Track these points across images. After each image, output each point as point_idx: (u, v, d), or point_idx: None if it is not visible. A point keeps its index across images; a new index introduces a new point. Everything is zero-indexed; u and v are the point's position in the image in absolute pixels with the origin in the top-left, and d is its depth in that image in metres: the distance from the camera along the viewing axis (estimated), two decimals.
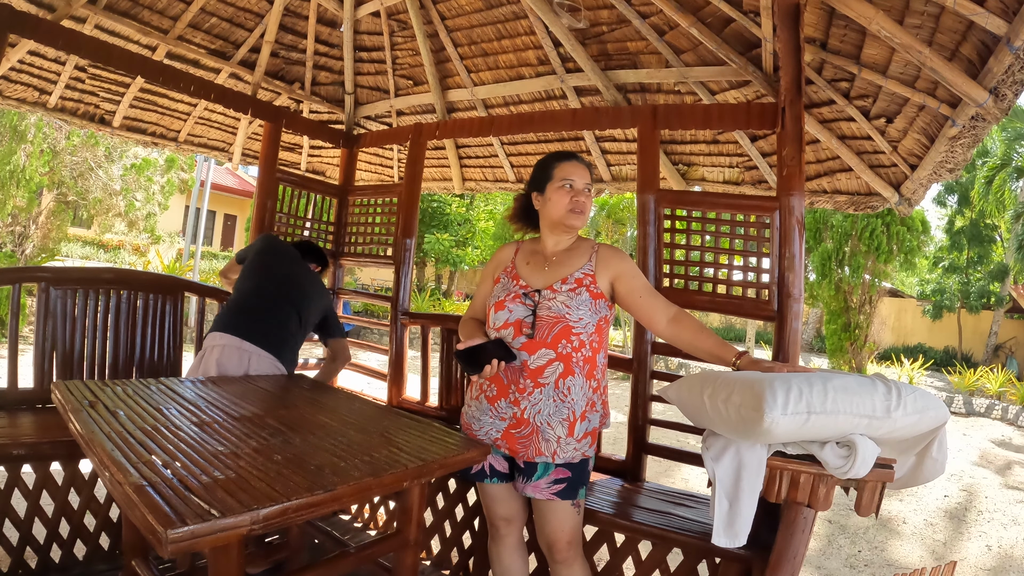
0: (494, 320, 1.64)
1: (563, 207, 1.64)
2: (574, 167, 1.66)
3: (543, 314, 1.58)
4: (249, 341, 2.13)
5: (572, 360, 1.58)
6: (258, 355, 2.13)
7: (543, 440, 1.57)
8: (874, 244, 10.62)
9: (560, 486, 1.59)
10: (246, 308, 2.24)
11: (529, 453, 1.58)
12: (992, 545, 4.11)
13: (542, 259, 1.70)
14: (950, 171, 2.24)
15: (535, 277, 1.66)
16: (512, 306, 1.61)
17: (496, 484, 1.68)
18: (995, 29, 1.62)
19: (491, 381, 1.63)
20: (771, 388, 1.24)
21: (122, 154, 10.94)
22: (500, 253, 1.81)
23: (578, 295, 1.59)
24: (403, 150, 4.13)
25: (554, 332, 1.57)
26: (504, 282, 1.69)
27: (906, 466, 1.44)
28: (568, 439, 1.58)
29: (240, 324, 2.18)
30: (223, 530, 0.93)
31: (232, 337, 2.13)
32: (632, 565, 1.93)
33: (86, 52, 2.53)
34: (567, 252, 1.70)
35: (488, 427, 1.63)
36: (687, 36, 2.56)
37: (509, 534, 1.72)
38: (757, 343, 16.47)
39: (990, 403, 9.73)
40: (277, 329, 2.23)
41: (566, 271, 1.64)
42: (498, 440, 1.62)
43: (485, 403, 1.65)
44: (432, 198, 14.89)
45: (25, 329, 7.08)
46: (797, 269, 2.03)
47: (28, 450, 1.88)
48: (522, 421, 1.58)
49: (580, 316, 1.59)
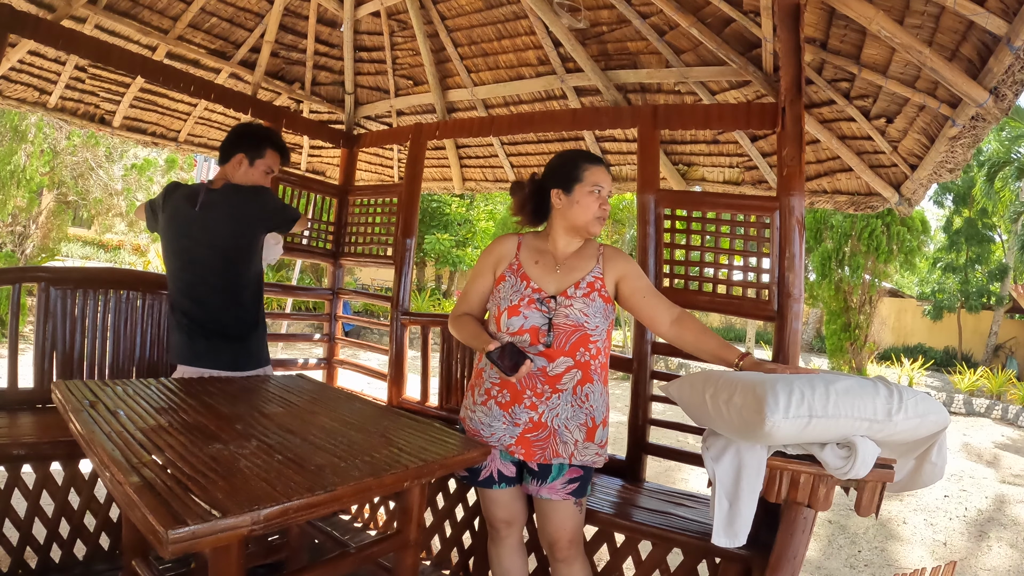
0: (507, 325, 1.61)
1: (592, 213, 1.63)
2: (604, 173, 1.66)
3: (560, 322, 1.57)
4: (208, 367, 1.97)
5: (590, 368, 1.59)
6: (225, 374, 1.99)
7: (560, 442, 1.57)
8: (874, 244, 10.61)
9: (574, 486, 1.60)
10: (185, 325, 2.00)
11: (546, 455, 1.58)
12: (992, 545, 4.11)
13: (551, 260, 1.67)
14: (950, 171, 2.24)
15: (547, 280, 1.63)
16: (528, 312, 1.59)
17: (502, 489, 1.67)
18: (995, 29, 1.63)
19: (502, 387, 1.61)
20: (773, 391, 1.24)
21: (123, 154, 10.95)
22: (500, 246, 1.74)
23: (592, 302, 1.59)
24: (403, 150, 4.13)
25: (572, 341, 1.57)
26: (512, 282, 1.65)
27: (905, 469, 1.44)
28: (587, 444, 1.59)
29: (186, 348, 1.98)
30: (223, 530, 0.93)
31: (194, 370, 1.97)
32: (632, 565, 1.93)
33: (86, 52, 2.53)
34: (576, 255, 1.68)
35: (501, 433, 1.61)
36: (687, 36, 2.56)
37: (509, 536, 1.72)
38: (757, 343, 16.46)
39: (990, 403, 9.73)
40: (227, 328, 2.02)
41: (578, 275, 1.63)
42: (511, 446, 1.60)
43: (497, 409, 1.62)
44: (432, 198, 14.89)
45: (25, 329, 7.08)
46: (797, 269, 2.03)
47: (28, 450, 1.88)
48: (540, 425, 1.58)
49: (596, 324, 1.59)
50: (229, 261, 2.02)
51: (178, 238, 2.01)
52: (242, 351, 2.08)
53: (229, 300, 2.04)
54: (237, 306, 2.06)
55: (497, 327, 1.65)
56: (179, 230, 2.00)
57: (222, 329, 2.03)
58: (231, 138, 2.09)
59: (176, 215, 2.01)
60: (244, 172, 2.07)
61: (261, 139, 2.09)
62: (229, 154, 2.07)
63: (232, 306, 2.04)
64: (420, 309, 13.01)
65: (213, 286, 2.01)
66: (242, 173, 2.07)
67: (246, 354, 2.09)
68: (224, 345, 2.03)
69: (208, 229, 1.98)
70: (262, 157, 2.08)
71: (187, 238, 2.00)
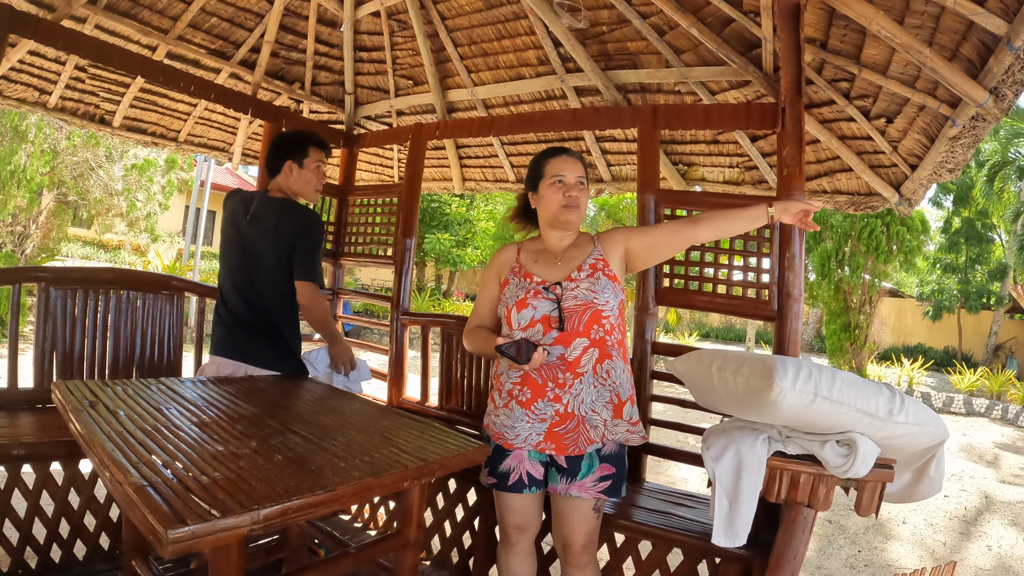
0: (518, 320, 1.60)
1: (556, 203, 1.63)
2: (564, 162, 1.65)
3: (569, 304, 1.56)
4: (243, 361, 2.08)
5: (607, 344, 1.57)
6: (255, 370, 2.10)
7: (590, 427, 1.55)
8: (874, 244, 10.62)
9: (606, 483, 1.56)
10: (223, 319, 2.14)
11: (579, 446, 1.55)
12: (992, 545, 4.11)
13: (550, 256, 1.68)
14: (950, 171, 2.24)
15: (550, 272, 1.64)
16: (535, 302, 1.58)
17: (521, 495, 1.63)
18: (995, 29, 1.63)
19: (523, 384, 1.59)
20: (782, 363, 1.26)
21: (123, 154, 10.94)
22: (500, 256, 1.77)
23: (598, 280, 1.58)
24: (403, 150, 4.13)
25: (584, 319, 1.55)
26: (517, 282, 1.66)
27: (902, 481, 1.45)
28: (616, 420, 1.56)
29: (224, 341, 2.11)
30: (223, 530, 0.93)
31: (228, 362, 2.09)
32: (632, 565, 1.93)
33: (86, 52, 2.53)
34: (573, 246, 1.69)
35: (526, 432, 1.58)
36: (687, 36, 2.56)
37: (520, 542, 1.68)
38: (757, 343, 16.47)
39: (990, 403, 9.73)
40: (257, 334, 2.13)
41: (578, 261, 1.63)
42: (540, 443, 1.58)
43: (518, 409, 1.59)
44: (432, 198, 14.88)
45: (25, 329, 7.08)
46: (797, 269, 2.03)
47: (28, 450, 1.88)
48: (567, 416, 1.55)
49: (607, 299, 1.57)
50: (263, 268, 2.12)
51: (227, 239, 2.18)
52: (270, 353, 2.14)
53: (259, 305, 2.13)
54: (265, 311, 2.13)
55: (508, 326, 1.64)
56: (229, 232, 2.17)
57: (252, 327, 2.12)
58: (275, 150, 2.21)
59: (230, 218, 2.18)
60: (297, 176, 2.18)
61: (302, 141, 2.20)
62: (278, 165, 2.18)
63: (261, 310, 2.13)
64: (420, 309, 13.01)
65: (247, 288, 2.13)
66: (295, 177, 2.18)
67: (274, 354, 2.14)
68: (254, 343, 2.12)
69: (252, 236, 2.11)
70: (308, 156, 2.19)
71: (234, 243, 2.15)
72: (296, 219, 2.11)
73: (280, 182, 2.19)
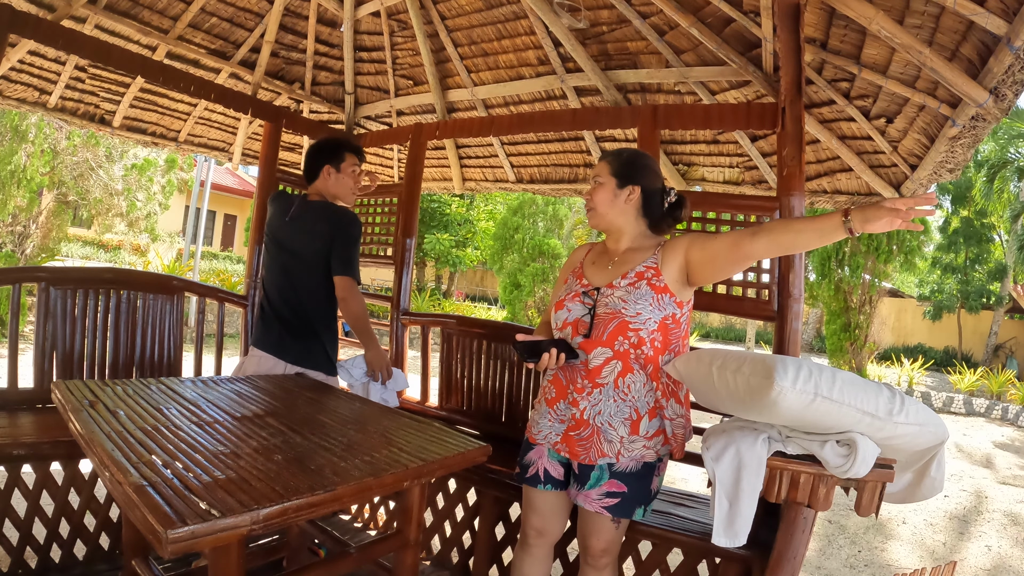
0: (555, 320, 1.62)
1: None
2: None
3: (601, 311, 1.54)
4: (280, 357, 2.19)
5: (631, 357, 1.51)
6: (293, 368, 2.19)
7: (605, 441, 1.50)
8: (874, 244, 10.63)
9: (612, 500, 1.51)
10: (263, 314, 2.28)
11: (591, 456, 1.51)
12: (992, 545, 4.11)
13: (607, 258, 1.67)
14: (950, 171, 2.24)
15: (598, 276, 1.63)
16: (571, 305, 1.59)
17: (545, 492, 1.63)
18: (995, 29, 1.62)
19: (551, 383, 1.61)
20: (783, 362, 1.26)
21: (123, 154, 10.93)
22: (573, 256, 1.79)
23: (637, 289, 1.52)
24: (403, 150, 4.13)
25: (609, 329, 1.51)
26: (570, 282, 1.68)
27: (903, 482, 1.45)
28: (633, 438, 1.50)
29: (264, 336, 2.23)
30: (223, 530, 0.93)
31: (268, 356, 2.20)
32: (632, 565, 1.93)
33: (86, 52, 2.53)
34: (632, 250, 1.63)
35: (547, 430, 1.60)
36: (687, 36, 2.56)
37: (537, 546, 1.67)
38: (757, 343, 16.48)
39: (990, 403, 9.73)
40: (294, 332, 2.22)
41: (628, 267, 1.58)
42: (557, 444, 1.58)
43: (544, 406, 1.63)
44: (432, 198, 14.90)
45: (25, 329, 7.08)
46: (797, 269, 2.03)
47: (28, 450, 1.88)
48: (581, 423, 1.53)
49: (638, 311, 1.50)
50: (301, 269, 2.21)
51: (269, 239, 2.30)
52: (304, 349, 2.21)
53: (295, 301, 2.21)
54: (301, 308, 2.21)
55: (552, 326, 1.67)
56: (271, 232, 2.29)
57: (290, 325, 2.21)
58: (312, 156, 2.29)
59: (272, 218, 2.30)
60: (335, 180, 2.27)
61: (337, 147, 2.29)
62: (316, 170, 2.26)
63: (297, 307, 2.21)
64: (420, 309, 13.00)
65: (285, 286, 2.23)
66: (333, 181, 2.26)
67: (307, 353, 2.22)
68: (289, 339, 2.20)
69: (290, 237, 2.22)
70: (344, 161, 2.27)
71: (274, 242, 2.27)
72: (333, 218, 2.18)
73: (319, 186, 2.27)
